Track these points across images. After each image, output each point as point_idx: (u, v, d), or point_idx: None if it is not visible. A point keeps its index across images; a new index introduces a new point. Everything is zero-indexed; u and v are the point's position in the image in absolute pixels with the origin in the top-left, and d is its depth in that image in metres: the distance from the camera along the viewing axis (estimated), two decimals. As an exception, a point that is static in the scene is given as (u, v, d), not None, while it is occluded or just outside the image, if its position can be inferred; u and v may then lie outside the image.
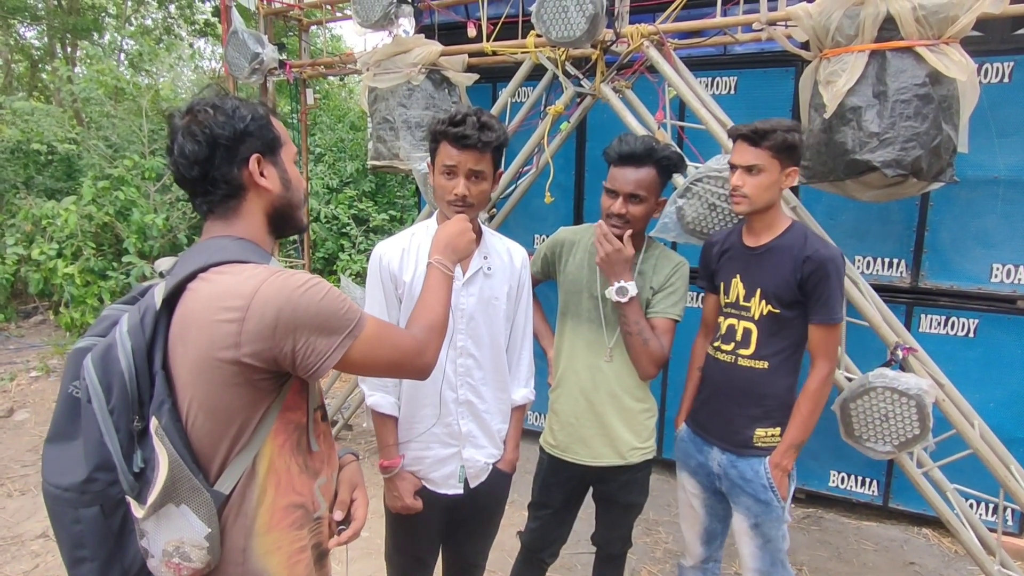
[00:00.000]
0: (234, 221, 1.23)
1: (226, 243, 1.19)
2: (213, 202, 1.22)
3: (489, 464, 1.98)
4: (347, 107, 9.64)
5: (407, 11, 3.50)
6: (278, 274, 1.12)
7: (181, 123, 1.19)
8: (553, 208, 3.80)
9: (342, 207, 7.58)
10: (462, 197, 1.76)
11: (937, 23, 2.22)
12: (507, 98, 3.32)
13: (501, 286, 1.93)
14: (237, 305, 1.08)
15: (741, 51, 3.62)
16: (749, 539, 2.08)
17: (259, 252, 1.22)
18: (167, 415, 1.11)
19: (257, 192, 1.24)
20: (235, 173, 1.20)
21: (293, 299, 1.10)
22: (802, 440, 2.01)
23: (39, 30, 11.14)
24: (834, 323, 1.97)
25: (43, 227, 6.30)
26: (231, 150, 1.19)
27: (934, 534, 3.54)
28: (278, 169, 1.26)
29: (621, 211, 1.98)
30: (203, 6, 11.22)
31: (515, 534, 2.41)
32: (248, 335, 1.09)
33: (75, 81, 8.24)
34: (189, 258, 1.18)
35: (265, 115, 1.24)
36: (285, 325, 1.10)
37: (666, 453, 3.98)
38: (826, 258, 1.92)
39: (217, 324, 1.09)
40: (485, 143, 1.73)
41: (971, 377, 3.24)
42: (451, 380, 1.89)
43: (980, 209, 3.24)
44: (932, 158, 2.29)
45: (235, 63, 4.09)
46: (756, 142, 1.94)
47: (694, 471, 2.21)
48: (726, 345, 2.09)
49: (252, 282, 1.10)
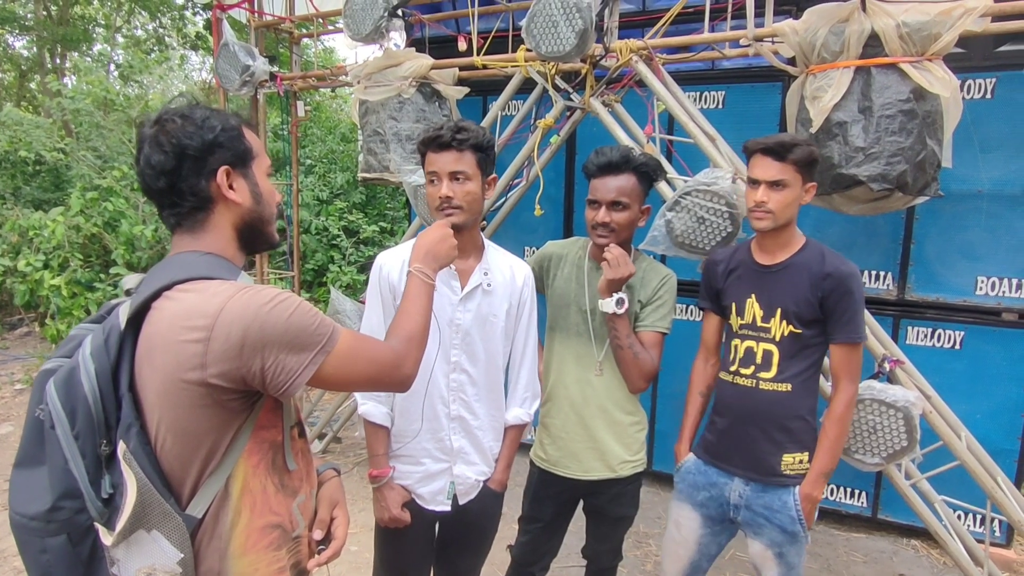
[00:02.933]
0: (202, 235, 1.19)
1: (192, 259, 1.16)
2: (180, 215, 1.18)
3: (480, 481, 1.96)
4: (338, 119, 9.65)
5: (398, 24, 3.52)
6: (245, 291, 1.08)
7: (149, 132, 1.15)
8: (543, 221, 3.82)
9: (332, 219, 7.57)
10: (447, 198, 1.76)
11: (920, 40, 2.26)
12: (497, 111, 3.34)
13: (501, 304, 1.91)
14: (202, 324, 1.05)
15: (729, 66, 3.66)
16: (773, 567, 2.00)
17: (227, 267, 1.18)
18: (135, 439, 1.07)
19: (226, 205, 1.20)
20: (203, 185, 1.16)
21: (260, 316, 1.07)
22: (832, 467, 1.93)
23: (28, 40, 11.10)
24: (858, 342, 1.91)
25: (30, 238, 6.24)
26: (199, 161, 1.15)
27: (923, 545, 3.55)
28: (249, 182, 1.22)
29: (605, 220, 1.99)
30: (195, 18, 11.23)
31: (505, 548, 2.40)
32: (214, 355, 1.05)
33: (64, 94, 8.21)
34: (154, 275, 1.14)
35: (237, 126, 1.20)
36: (252, 343, 1.06)
37: (656, 466, 3.98)
38: (847, 275, 1.87)
39: (182, 344, 1.05)
40: (460, 140, 1.76)
41: (957, 389, 3.26)
42: (444, 395, 1.88)
43: (965, 222, 3.28)
44: (917, 172, 2.32)
45: (226, 75, 4.09)
46: (781, 156, 1.87)
47: (701, 504, 2.10)
48: (745, 369, 2.00)
49: (217, 300, 1.06)
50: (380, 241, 7.61)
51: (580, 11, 2.67)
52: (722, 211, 2.44)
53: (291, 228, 5.00)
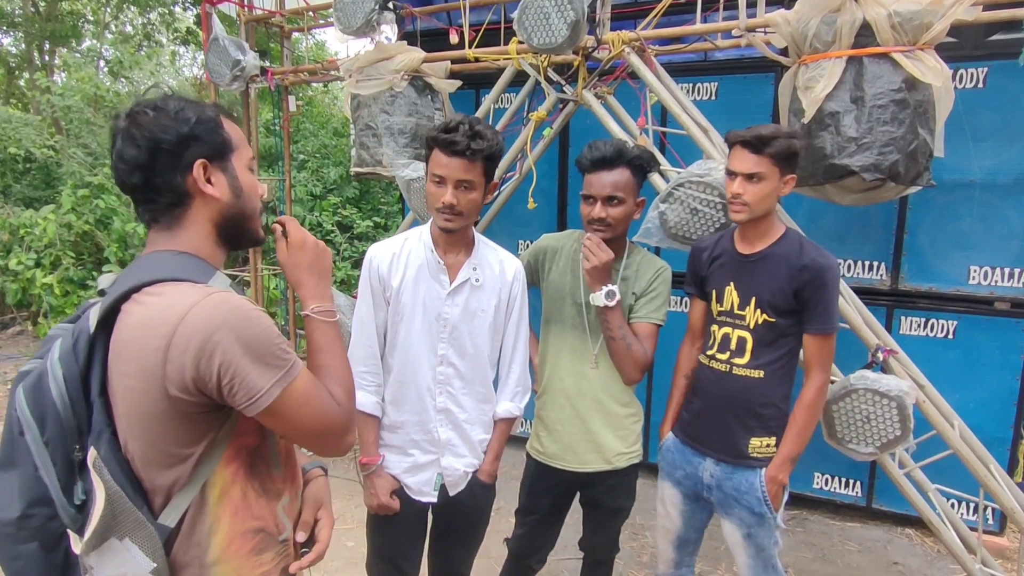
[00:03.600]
0: (178, 232, 1.13)
1: (164, 258, 1.10)
2: (156, 210, 1.12)
3: (468, 473, 1.98)
4: (330, 113, 9.61)
5: (389, 18, 3.50)
6: (212, 297, 1.02)
7: (121, 125, 1.09)
8: (536, 214, 3.81)
9: (326, 214, 7.54)
10: (450, 206, 1.75)
11: (912, 29, 2.26)
12: (490, 104, 3.32)
13: (489, 299, 1.92)
14: (163, 332, 0.99)
15: (721, 57, 3.66)
16: (742, 549, 2.08)
17: (201, 267, 1.12)
18: (106, 445, 1.04)
19: (204, 200, 1.13)
20: (178, 180, 1.10)
21: (226, 326, 1.00)
22: (799, 452, 1.98)
23: (15, 36, 11.00)
24: (830, 332, 1.94)
25: (21, 237, 6.21)
26: (174, 155, 1.09)
27: (917, 534, 3.57)
28: (228, 175, 1.16)
29: (601, 215, 1.99)
30: (184, 14, 11.14)
31: (502, 541, 2.40)
32: (172, 364, 0.99)
33: (54, 90, 8.15)
34: (126, 276, 1.08)
35: (214, 117, 1.14)
36: (211, 353, 1.00)
37: (651, 457, 3.98)
38: (823, 267, 1.90)
39: (145, 352, 1.00)
40: (475, 151, 1.72)
41: (950, 378, 3.27)
42: (431, 387, 1.89)
43: (957, 212, 3.28)
44: (909, 162, 2.32)
45: (216, 70, 4.06)
46: (758, 149, 1.89)
47: (679, 481, 2.18)
48: (720, 354, 2.06)
49: (181, 306, 1.00)
50: (374, 236, 7.59)
51: (572, 3, 2.66)
52: (715, 202, 2.44)
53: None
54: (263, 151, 4.81)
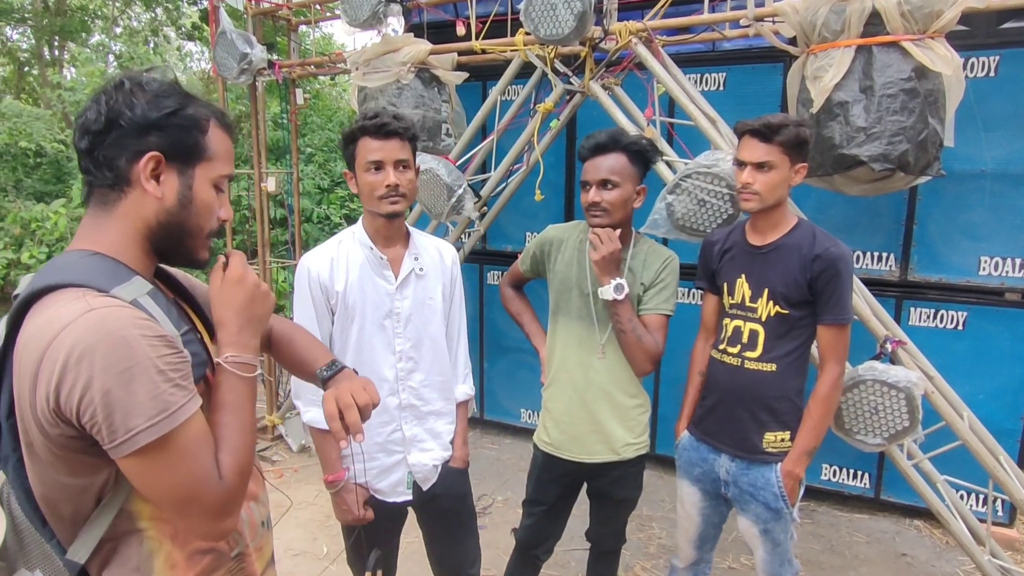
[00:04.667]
0: (104, 221, 1.02)
1: (73, 259, 0.99)
2: (92, 184, 1.03)
3: (438, 466, 1.99)
4: (337, 106, 9.62)
5: (396, 10, 3.50)
6: (88, 314, 0.88)
7: (102, 88, 1.02)
8: (544, 205, 3.81)
9: (334, 207, 7.56)
10: (395, 186, 1.76)
11: (922, 17, 2.24)
12: (497, 96, 3.32)
13: (435, 286, 1.94)
14: (36, 355, 0.87)
15: (729, 47, 3.63)
16: (760, 543, 2.07)
17: (113, 271, 0.99)
18: (12, 471, 0.94)
19: (142, 195, 1.02)
20: (121, 163, 1.00)
21: (104, 345, 0.86)
22: (814, 446, 1.96)
23: (23, 32, 11.06)
24: (845, 323, 1.92)
25: (32, 230, 6.26)
26: (127, 136, 0.99)
27: (925, 525, 3.56)
28: (182, 181, 1.04)
29: (596, 199, 1.99)
30: (190, 9, 11.16)
31: (509, 531, 2.41)
32: (40, 391, 0.87)
33: (64, 85, 8.19)
34: (34, 280, 0.97)
35: (199, 119, 1.04)
36: (72, 383, 0.85)
37: (659, 449, 4.00)
38: (837, 256, 1.88)
39: (24, 375, 0.89)
40: (405, 129, 1.77)
41: (960, 369, 3.26)
42: (392, 385, 1.89)
43: (968, 202, 3.26)
44: (919, 152, 2.30)
45: (224, 64, 4.07)
46: (767, 138, 1.88)
47: (697, 479, 2.17)
48: (732, 348, 2.04)
49: (56, 324, 0.87)
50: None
51: (579, -7, 2.65)
52: (723, 193, 2.43)
53: (293, 217, 5.00)
54: (271, 144, 4.82)
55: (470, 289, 4.33)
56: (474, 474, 2.20)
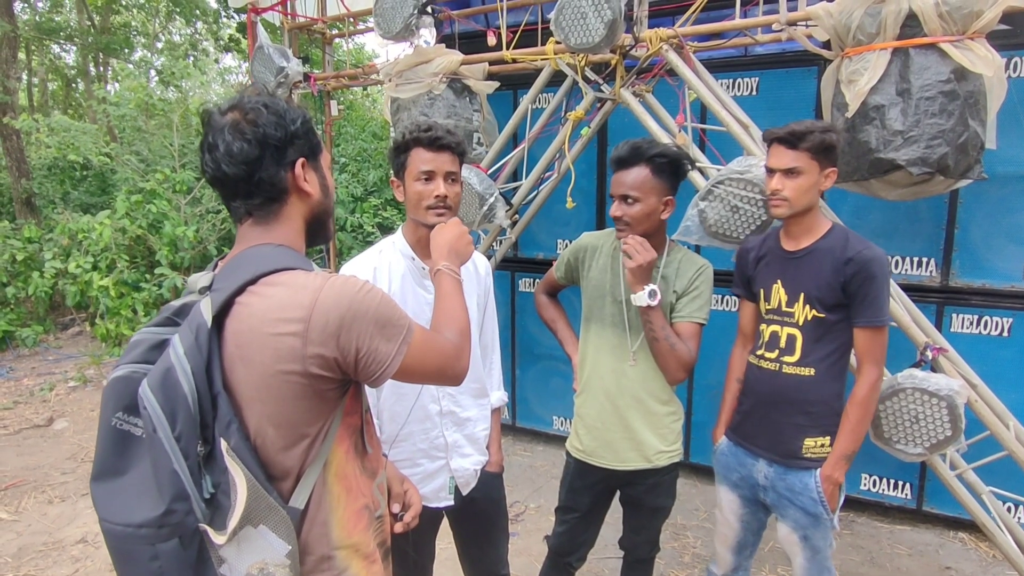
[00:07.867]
0: (273, 226, 1.19)
1: (268, 251, 1.16)
2: (253, 205, 1.18)
3: (477, 471, 2.03)
4: (370, 116, 9.77)
5: (427, 22, 3.55)
6: (333, 279, 1.11)
7: (226, 120, 1.13)
8: (575, 213, 3.82)
9: (367, 215, 7.67)
10: (443, 197, 1.79)
11: (961, 18, 2.19)
12: (528, 105, 3.34)
13: (470, 296, 1.94)
14: (298, 316, 1.07)
15: (762, 52, 3.60)
16: (799, 550, 2.05)
17: (302, 259, 1.19)
18: (236, 435, 1.07)
19: (299, 197, 1.22)
20: (281, 176, 1.17)
21: (355, 304, 1.10)
22: (854, 450, 1.95)
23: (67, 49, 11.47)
24: (880, 325, 1.91)
25: (79, 241, 6.48)
26: (280, 152, 1.16)
27: (970, 538, 3.46)
28: (319, 175, 1.25)
29: (617, 214, 2.01)
30: (229, 22, 11.46)
31: (542, 539, 2.42)
32: (313, 345, 1.07)
33: (109, 100, 8.48)
34: (232, 271, 1.13)
35: (310, 120, 1.22)
36: (348, 331, 1.09)
37: (693, 457, 3.96)
38: (870, 259, 1.88)
39: (279, 338, 1.07)
40: (457, 143, 1.82)
41: (1006, 377, 3.16)
42: (433, 393, 1.92)
43: (1012, 205, 3.17)
44: (959, 155, 2.25)
45: (261, 77, 4.18)
46: (794, 144, 1.91)
47: (735, 484, 2.17)
48: (770, 353, 2.04)
49: (309, 291, 1.08)
50: (414, 237, 7.68)
51: (608, 2, 2.66)
52: (756, 199, 2.41)
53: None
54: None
55: (502, 297, 4.35)
56: (507, 481, 2.22)
